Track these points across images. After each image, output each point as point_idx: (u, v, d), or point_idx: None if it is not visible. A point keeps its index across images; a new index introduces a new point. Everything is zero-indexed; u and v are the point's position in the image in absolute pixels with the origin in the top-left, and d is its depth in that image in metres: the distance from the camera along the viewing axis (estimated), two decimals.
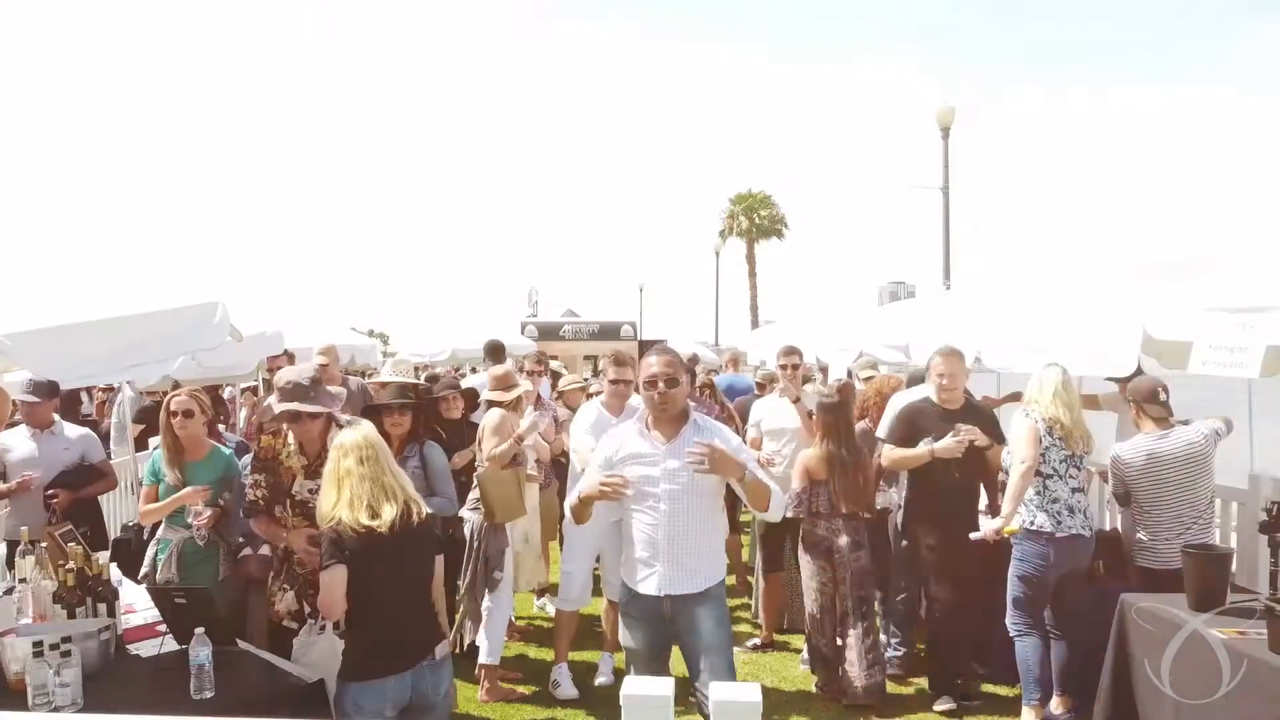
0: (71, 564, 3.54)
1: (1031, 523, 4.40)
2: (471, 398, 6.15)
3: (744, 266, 47.56)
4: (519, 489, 5.06)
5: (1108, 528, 5.79)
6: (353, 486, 3.08)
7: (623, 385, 5.08)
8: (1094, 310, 4.79)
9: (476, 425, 5.48)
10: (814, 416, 5.23)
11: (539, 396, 6.59)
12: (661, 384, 3.34)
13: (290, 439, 3.86)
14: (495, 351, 8.54)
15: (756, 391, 8.20)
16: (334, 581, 2.98)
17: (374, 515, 3.04)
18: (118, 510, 6.97)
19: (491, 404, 5.30)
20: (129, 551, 4.77)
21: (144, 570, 4.32)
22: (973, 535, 4.83)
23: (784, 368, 5.76)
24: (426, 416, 5.22)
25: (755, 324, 48.08)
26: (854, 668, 4.75)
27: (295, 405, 3.74)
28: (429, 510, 3.26)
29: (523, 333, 17.80)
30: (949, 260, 17.91)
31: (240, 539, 4.25)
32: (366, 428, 3.29)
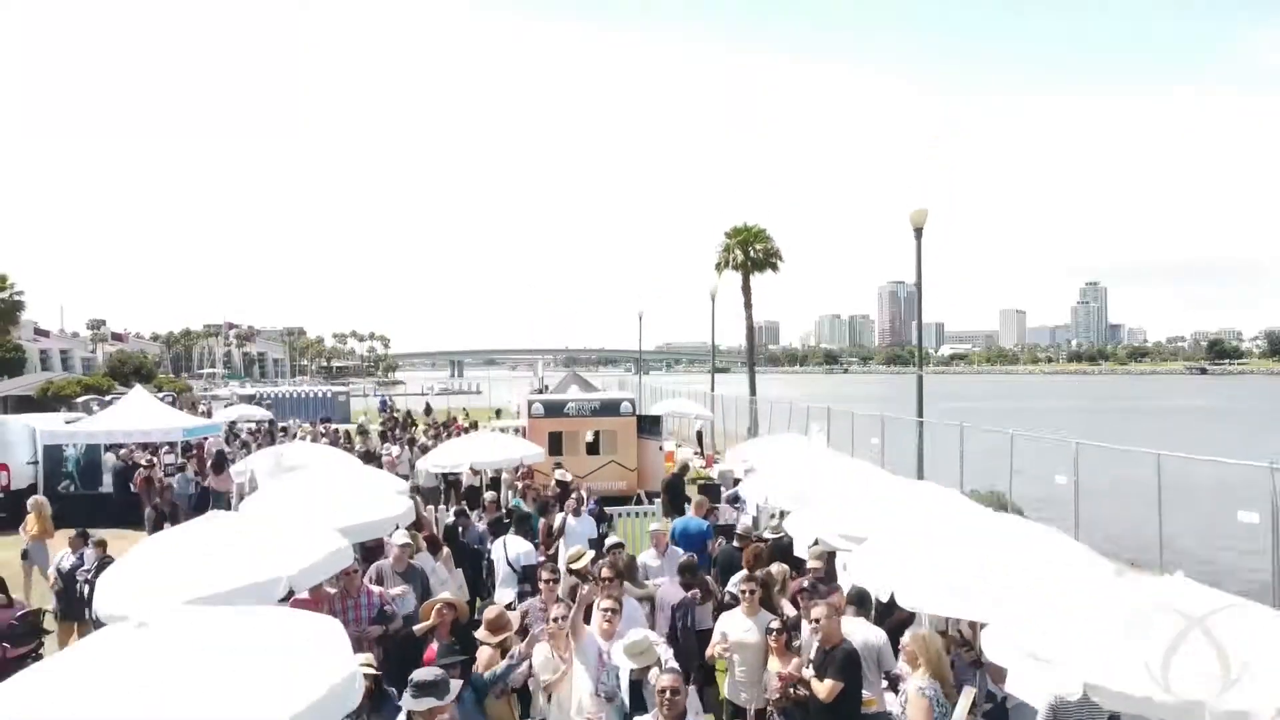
0: None
1: None
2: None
3: (739, 298, 48.98)
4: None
5: None
6: None
7: (614, 614, 6.37)
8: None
9: None
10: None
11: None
12: (669, 693, 4.97)
13: None
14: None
15: (735, 543, 9.54)
16: None
17: None
18: None
19: (482, 643, 6.54)
20: None
21: None
22: None
23: (743, 592, 7.08)
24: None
25: (753, 354, 49.47)
26: None
27: (430, 703, 5.00)
28: None
29: (530, 411, 19.15)
30: (922, 347, 19.30)
31: None
32: None
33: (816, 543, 8.04)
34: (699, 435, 30.31)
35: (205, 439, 20.57)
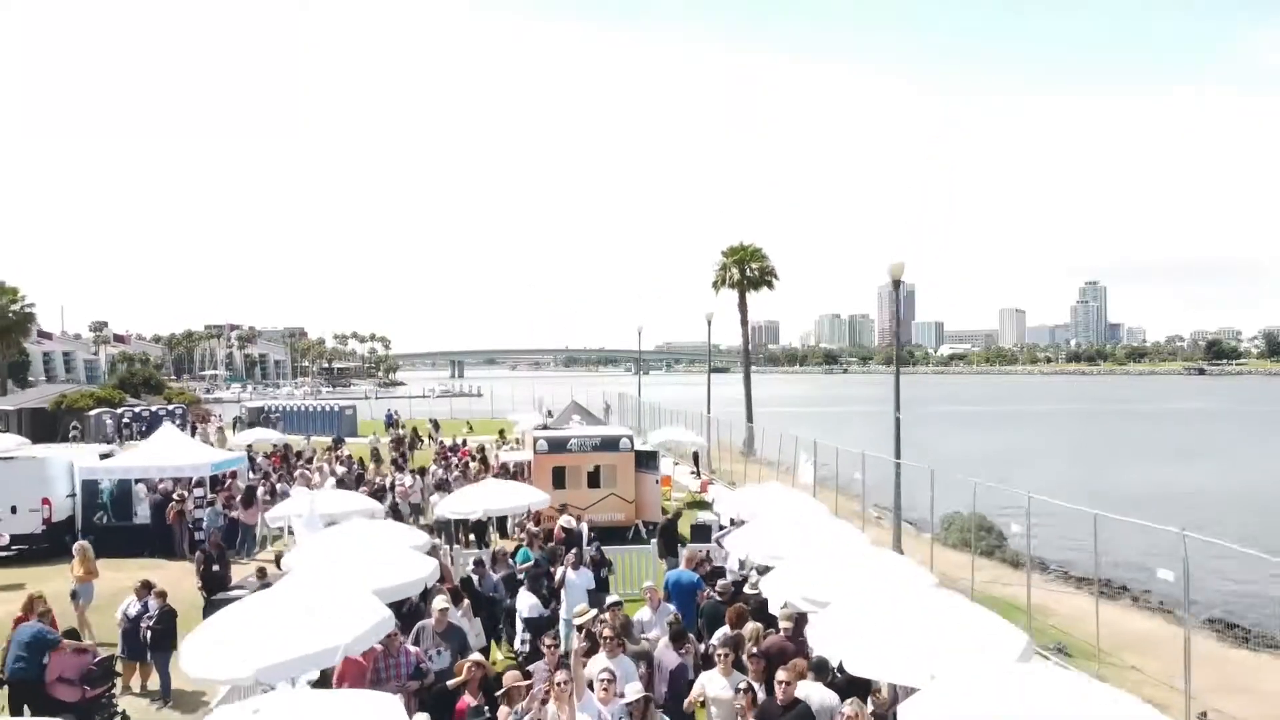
0: None
1: None
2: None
3: (736, 314, 50.41)
4: None
5: None
6: None
7: (610, 682, 7.71)
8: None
9: None
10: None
11: None
12: None
13: None
14: None
15: (714, 594, 10.89)
16: None
17: None
18: None
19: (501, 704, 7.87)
20: None
21: None
22: None
23: (719, 655, 8.42)
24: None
25: (748, 372, 50.76)
26: None
27: None
28: None
29: (535, 447, 20.53)
30: (899, 394, 20.61)
31: None
32: None
33: (786, 605, 9.39)
34: (695, 456, 31.72)
35: (232, 472, 21.94)
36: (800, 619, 9.22)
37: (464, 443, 31.28)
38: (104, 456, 22.11)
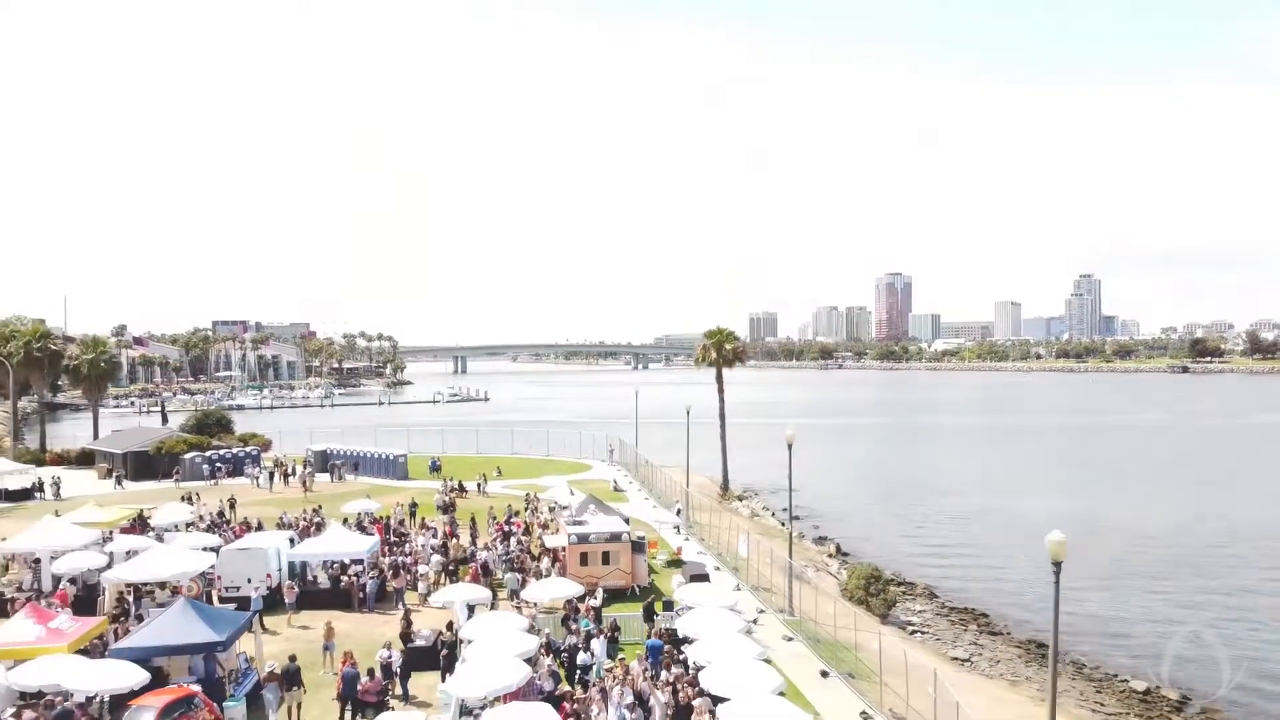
0: None
1: None
2: None
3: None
4: None
5: None
6: None
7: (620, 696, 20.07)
8: None
9: None
10: None
11: None
12: None
13: None
14: None
15: (665, 655, 23.39)
16: None
17: None
18: None
19: None
20: None
21: None
22: None
23: (661, 686, 20.69)
24: None
25: (724, 435, 63.01)
26: None
27: None
28: None
29: (568, 540, 32.98)
30: (792, 496, 32.91)
31: None
32: None
33: (694, 663, 21.72)
34: (676, 528, 44.43)
35: (378, 552, 34.46)
36: (699, 668, 21.62)
37: (515, 516, 43.36)
38: (292, 542, 34.57)
